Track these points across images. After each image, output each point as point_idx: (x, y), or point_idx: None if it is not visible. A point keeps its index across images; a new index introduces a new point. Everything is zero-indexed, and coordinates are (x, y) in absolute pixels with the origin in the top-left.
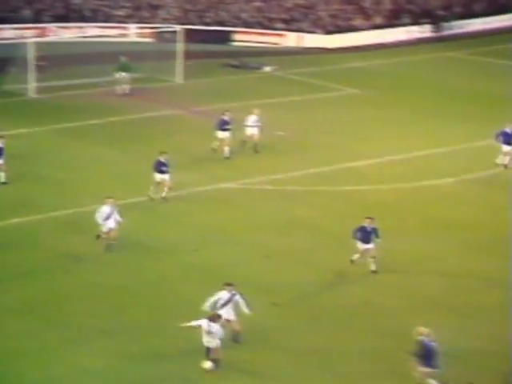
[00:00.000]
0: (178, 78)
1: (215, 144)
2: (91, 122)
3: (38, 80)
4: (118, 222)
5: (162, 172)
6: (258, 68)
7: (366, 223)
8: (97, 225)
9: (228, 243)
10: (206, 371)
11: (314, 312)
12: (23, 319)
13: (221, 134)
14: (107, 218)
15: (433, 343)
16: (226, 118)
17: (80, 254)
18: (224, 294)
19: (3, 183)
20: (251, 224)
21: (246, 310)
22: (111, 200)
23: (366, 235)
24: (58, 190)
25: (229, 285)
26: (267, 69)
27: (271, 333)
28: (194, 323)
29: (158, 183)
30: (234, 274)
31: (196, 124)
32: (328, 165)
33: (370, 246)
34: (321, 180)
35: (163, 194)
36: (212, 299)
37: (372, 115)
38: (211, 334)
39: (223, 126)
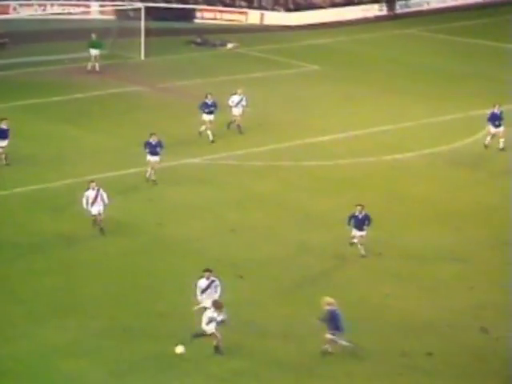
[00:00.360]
0: (141, 55)
1: (202, 127)
2: (55, 99)
3: (0, 57)
4: (105, 205)
5: (152, 153)
6: (221, 45)
7: (357, 211)
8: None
9: (193, 218)
10: (177, 355)
11: (279, 284)
12: None
13: (205, 117)
14: (93, 201)
15: (338, 311)
16: (208, 100)
17: (46, 230)
18: (202, 282)
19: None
20: (216, 199)
21: (217, 295)
22: (94, 184)
23: (358, 222)
24: (23, 166)
25: (208, 271)
26: (229, 46)
27: (239, 307)
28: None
29: (151, 165)
30: (200, 247)
31: (160, 100)
32: (290, 140)
33: (364, 233)
34: (283, 155)
35: (149, 175)
36: (196, 288)
37: (332, 91)
38: (213, 321)
39: (207, 108)
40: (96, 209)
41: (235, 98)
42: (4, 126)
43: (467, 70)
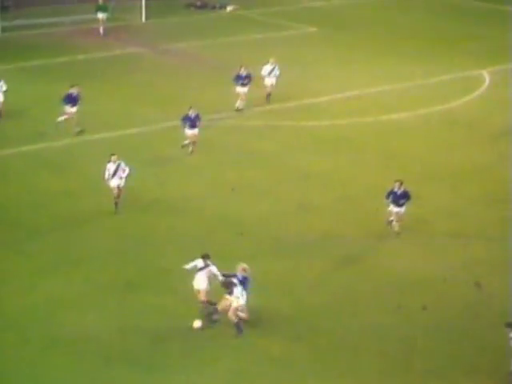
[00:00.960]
0: (142, 18)
1: (238, 102)
2: (58, 61)
3: (3, 19)
4: (123, 178)
5: (192, 126)
6: (220, 8)
7: (396, 187)
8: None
9: (194, 177)
10: (194, 329)
11: (278, 241)
12: None
13: (239, 89)
14: (113, 174)
15: (249, 277)
16: (242, 72)
17: (50, 188)
18: (199, 263)
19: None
20: (216, 158)
21: (218, 277)
22: (115, 157)
23: (396, 198)
24: (26, 125)
25: (205, 256)
26: (228, 8)
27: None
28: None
29: (190, 137)
30: (200, 206)
31: (160, 62)
32: (289, 101)
33: (401, 209)
34: (282, 115)
35: (190, 149)
36: (191, 264)
37: (330, 53)
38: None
39: (240, 80)
40: (115, 182)
41: (268, 68)
42: (74, 91)
43: (463, 31)
